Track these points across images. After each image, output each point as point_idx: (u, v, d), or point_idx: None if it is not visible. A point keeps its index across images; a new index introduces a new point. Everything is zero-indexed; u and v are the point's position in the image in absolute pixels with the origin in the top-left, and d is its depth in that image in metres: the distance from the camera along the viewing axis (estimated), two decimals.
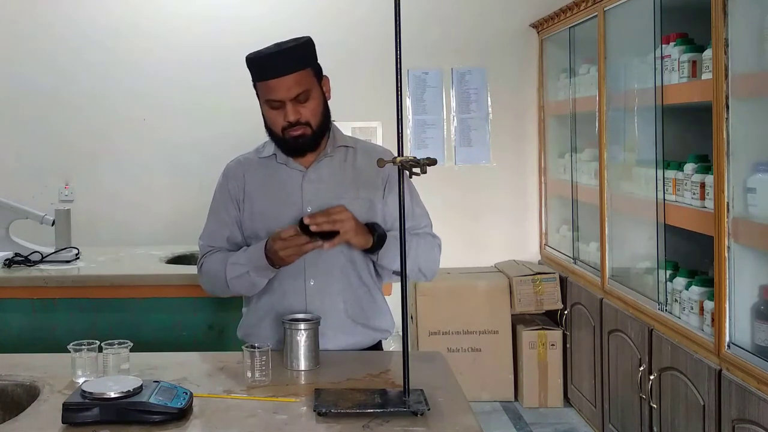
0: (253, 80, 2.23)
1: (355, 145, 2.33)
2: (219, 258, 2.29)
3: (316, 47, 2.25)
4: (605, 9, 3.85)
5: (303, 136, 2.20)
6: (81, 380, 1.94)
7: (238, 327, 2.39)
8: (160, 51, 4.97)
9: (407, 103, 5.02)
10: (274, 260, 2.15)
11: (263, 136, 2.32)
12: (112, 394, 1.70)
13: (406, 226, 1.94)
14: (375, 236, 2.17)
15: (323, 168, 2.28)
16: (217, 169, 2.40)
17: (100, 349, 2.02)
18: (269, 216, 2.27)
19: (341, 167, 2.29)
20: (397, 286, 2.89)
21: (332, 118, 2.31)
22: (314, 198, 2.25)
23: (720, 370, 2.69)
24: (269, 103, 2.20)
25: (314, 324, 2.10)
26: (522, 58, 5.08)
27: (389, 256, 2.21)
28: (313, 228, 2.06)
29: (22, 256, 3.54)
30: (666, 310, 3.25)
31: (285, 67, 2.15)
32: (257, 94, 2.24)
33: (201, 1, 4.98)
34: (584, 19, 4.19)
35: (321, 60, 2.26)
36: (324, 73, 2.26)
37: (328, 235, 2.08)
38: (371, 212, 2.27)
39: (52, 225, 3.70)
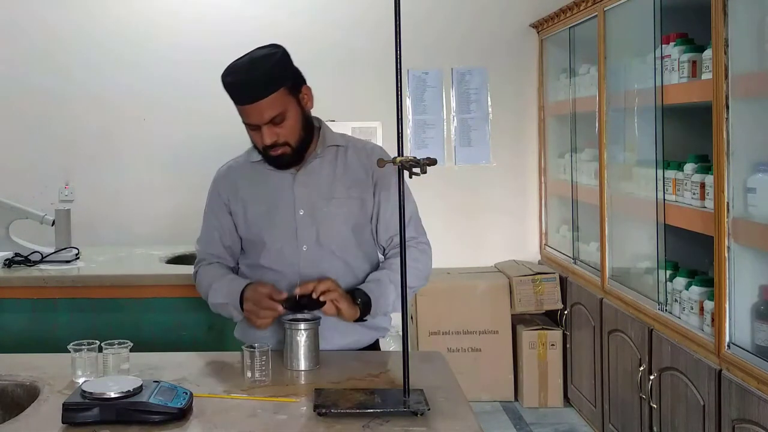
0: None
1: (346, 144, 2.31)
2: (208, 275, 2.31)
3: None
4: (605, 9, 3.85)
5: (283, 155, 2.18)
6: (81, 380, 1.94)
7: (234, 329, 2.40)
8: (160, 51, 4.97)
9: (407, 103, 5.02)
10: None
11: None
12: (112, 394, 1.70)
13: (394, 239, 2.10)
14: (360, 305, 2.17)
15: (313, 169, 2.26)
16: (217, 168, 2.40)
17: (100, 349, 2.02)
18: (263, 220, 2.27)
19: (332, 167, 2.27)
20: None
21: (331, 118, 2.30)
22: (305, 200, 2.25)
23: (720, 370, 2.69)
24: (246, 125, 2.19)
25: (314, 324, 2.10)
26: (522, 58, 5.09)
27: (379, 313, 2.23)
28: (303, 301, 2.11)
29: (22, 256, 3.54)
30: (666, 310, 3.25)
31: (256, 92, 2.09)
32: None
33: (201, 1, 4.98)
34: (584, 19, 4.19)
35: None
36: (308, 80, 2.21)
37: (314, 306, 2.11)
38: (363, 211, 2.27)
39: (52, 225, 3.70)
